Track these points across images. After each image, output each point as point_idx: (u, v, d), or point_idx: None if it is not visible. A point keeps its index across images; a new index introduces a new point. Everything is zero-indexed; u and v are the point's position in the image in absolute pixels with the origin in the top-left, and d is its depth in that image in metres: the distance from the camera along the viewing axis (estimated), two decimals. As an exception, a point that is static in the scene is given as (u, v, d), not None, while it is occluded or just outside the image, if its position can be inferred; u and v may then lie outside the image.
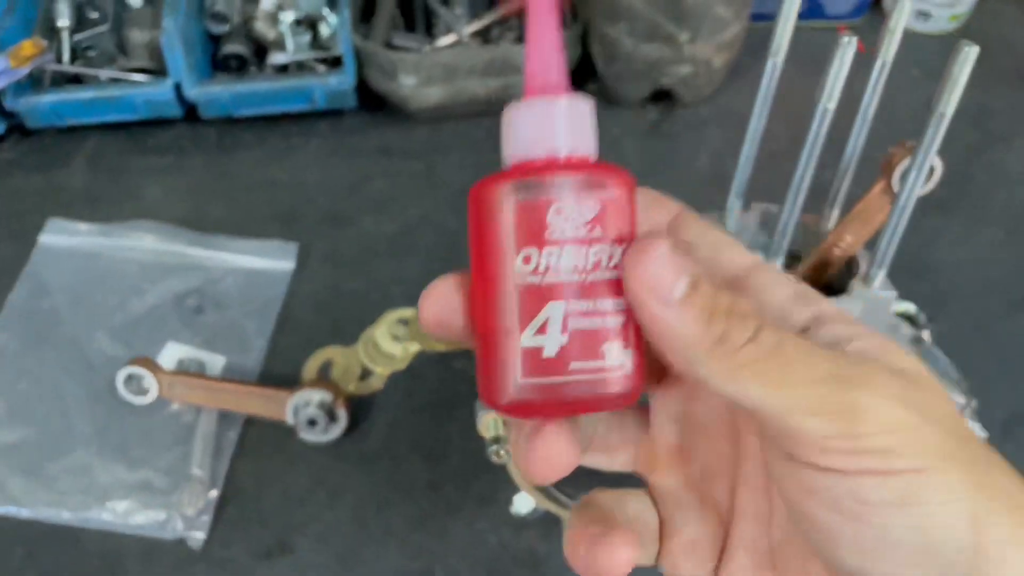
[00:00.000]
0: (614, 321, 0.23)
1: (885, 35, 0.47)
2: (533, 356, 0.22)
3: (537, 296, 0.22)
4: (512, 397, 0.23)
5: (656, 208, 0.26)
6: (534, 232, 0.22)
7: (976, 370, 0.65)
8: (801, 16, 0.85)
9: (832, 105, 0.42)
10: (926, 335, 0.64)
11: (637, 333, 0.23)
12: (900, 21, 0.46)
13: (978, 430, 0.58)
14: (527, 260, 0.22)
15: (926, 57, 0.87)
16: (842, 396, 0.22)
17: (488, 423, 0.47)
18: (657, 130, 0.82)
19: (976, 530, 0.22)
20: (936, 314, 0.68)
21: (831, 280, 0.53)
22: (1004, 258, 0.72)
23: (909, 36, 0.88)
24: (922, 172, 0.44)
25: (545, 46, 0.24)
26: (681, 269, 0.23)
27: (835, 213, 0.53)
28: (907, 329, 0.61)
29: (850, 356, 0.23)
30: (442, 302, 0.25)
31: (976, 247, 0.73)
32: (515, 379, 0.22)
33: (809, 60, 0.51)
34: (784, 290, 0.25)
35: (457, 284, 0.25)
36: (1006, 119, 0.81)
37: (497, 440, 0.47)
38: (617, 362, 0.23)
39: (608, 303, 0.23)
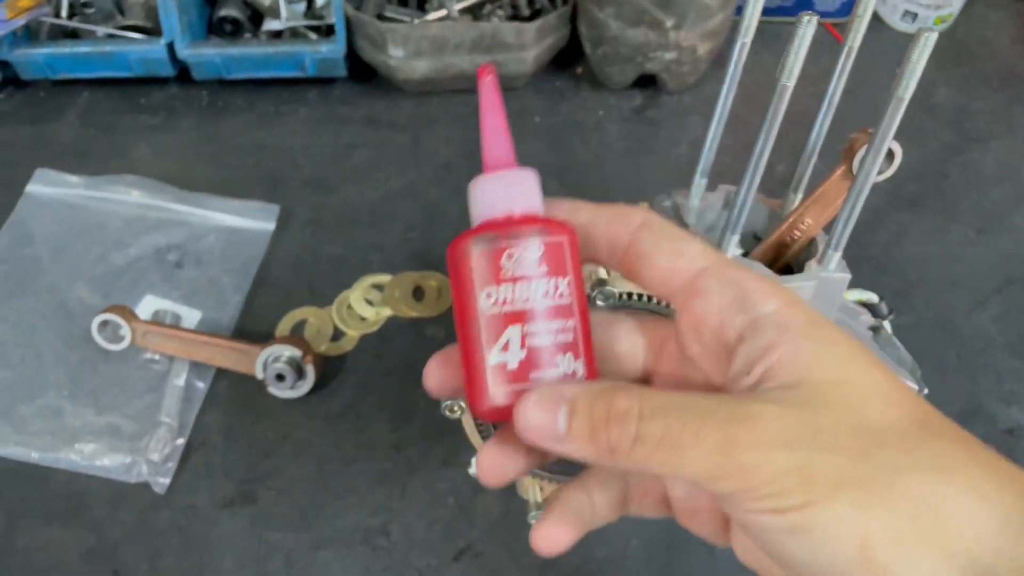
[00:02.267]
0: (563, 337, 0.28)
1: (853, 21, 0.48)
2: (500, 370, 0.28)
3: (498, 323, 0.28)
4: (489, 404, 0.28)
5: (619, 223, 0.29)
6: (492, 273, 0.28)
7: (935, 363, 0.66)
8: (790, 11, 0.86)
9: (791, 83, 0.43)
10: (887, 324, 0.65)
11: (586, 343, 0.29)
12: (868, 8, 0.47)
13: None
14: (488, 296, 0.28)
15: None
16: (731, 461, 0.25)
17: (445, 379, 0.49)
18: (641, 115, 0.83)
19: (864, 550, 0.24)
20: (901, 306, 0.69)
21: (790, 261, 0.54)
22: (972, 256, 0.73)
23: (895, 36, 0.90)
24: (879, 156, 0.45)
25: (496, 131, 0.31)
26: (556, 405, 0.27)
27: (798, 197, 0.54)
28: (866, 316, 0.63)
29: (730, 407, 0.25)
30: (436, 372, 0.31)
31: (945, 244, 0.74)
32: (489, 390, 0.28)
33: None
34: (724, 296, 0.27)
35: (443, 358, 0.31)
36: (984, 120, 0.83)
37: (452, 397, 0.48)
38: (570, 369, 0.28)
39: (556, 323, 0.28)
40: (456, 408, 0.48)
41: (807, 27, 0.42)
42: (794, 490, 0.24)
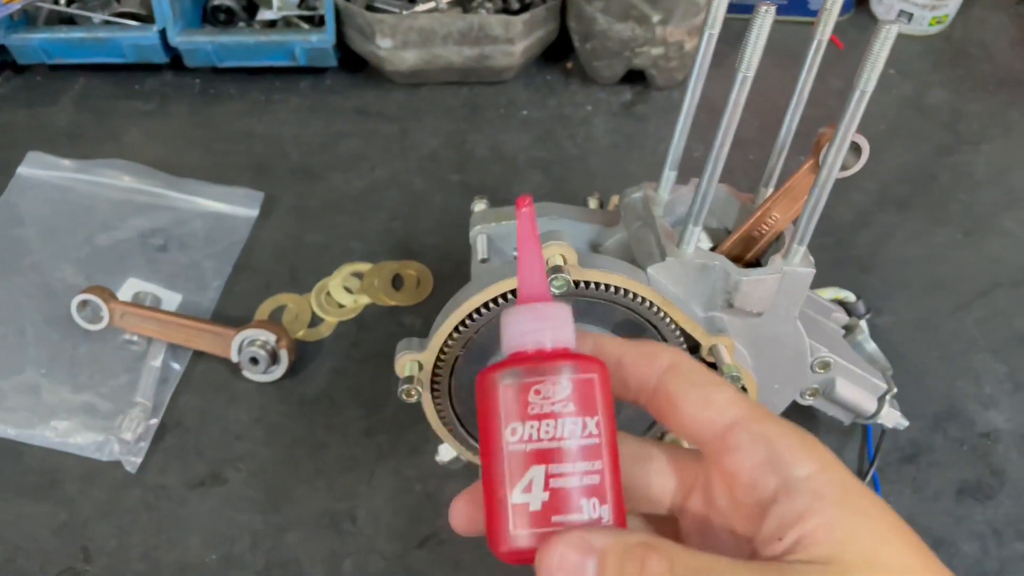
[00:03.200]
0: (590, 480, 0.27)
1: (822, 15, 0.48)
2: (522, 511, 0.27)
3: (522, 460, 0.27)
4: (509, 546, 0.27)
5: (647, 364, 0.30)
6: (519, 408, 0.27)
7: (915, 364, 0.66)
8: (785, 11, 0.86)
9: (750, 74, 0.43)
10: (863, 324, 0.65)
11: (615, 486, 0.28)
12: (836, 3, 0.47)
13: (898, 419, 0.59)
14: (513, 432, 0.27)
15: (904, 57, 0.88)
16: None
17: (404, 364, 0.49)
18: (629, 111, 0.83)
19: None
20: (882, 307, 0.69)
21: (759, 255, 0.53)
22: (957, 259, 0.72)
23: (891, 36, 0.89)
24: (842, 149, 0.45)
25: (532, 262, 0.30)
26: (584, 555, 0.25)
27: (769, 191, 0.54)
28: (840, 315, 0.62)
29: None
30: (463, 510, 0.30)
31: (931, 246, 0.73)
32: (509, 530, 0.27)
33: (788, 54, 0.52)
34: (756, 455, 0.27)
35: (470, 496, 0.30)
36: (977, 123, 0.82)
37: (410, 380, 0.48)
38: (595, 515, 0.27)
39: (583, 465, 0.27)
40: (413, 392, 0.48)
41: (764, 17, 0.41)
42: None
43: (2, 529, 0.58)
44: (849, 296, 0.64)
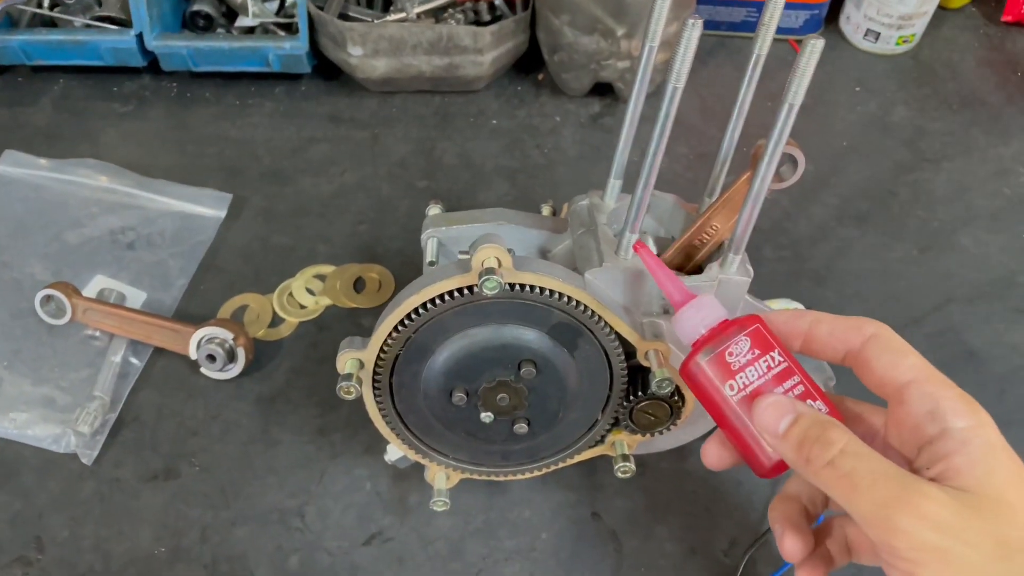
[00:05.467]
0: (798, 390, 0.38)
1: (759, 30, 0.49)
2: None
3: (747, 402, 0.38)
4: (769, 463, 0.38)
5: (854, 332, 0.39)
6: (725, 371, 0.38)
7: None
8: (754, 28, 0.88)
9: (680, 85, 0.44)
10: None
11: (819, 391, 0.38)
12: (773, 18, 0.48)
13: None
14: (731, 388, 0.38)
15: (870, 76, 0.89)
16: (888, 516, 0.32)
17: (347, 361, 0.50)
18: (597, 122, 0.84)
19: None
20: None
21: (701, 263, 0.54)
22: (912, 274, 0.73)
23: (857, 54, 0.91)
24: (772, 160, 0.46)
25: (670, 278, 0.43)
26: (784, 411, 0.36)
27: (711, 201, 0.55)
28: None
29: (908, 479, 0.33)
30: (715, 451, 0.42)
31: (886, 261, 0.74)
32: (766, 452, 0.38)
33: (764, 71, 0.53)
34: (922, 407, 0.35)
35: (719, 440, 0.41)
36: (939, 142, 0.83)
37: (349, 377, 0.49)
38: (816, 407, 0.38)
39: (788, 383, 0.38)
40: (351, 389, 0.49)
41: (692, 30, 0.43)
42: (929, 564, 0.31)
43: (-43, 517, 0.59)
44: (798, 306, 0.65)
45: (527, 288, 0.47)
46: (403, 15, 0.80)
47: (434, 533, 0.60)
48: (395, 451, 0.59)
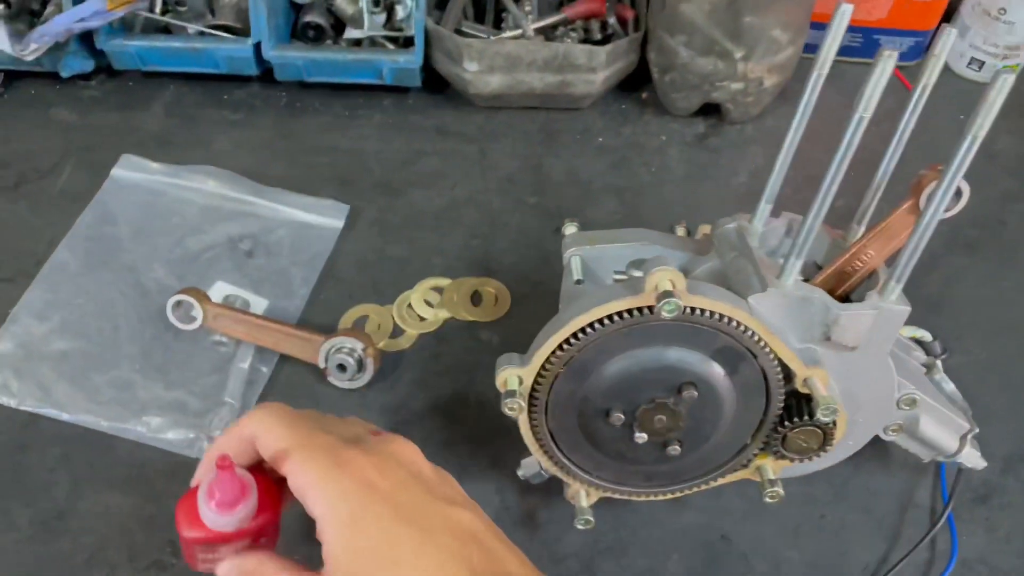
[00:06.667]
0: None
1: (929, 60, 0.49)
2: None
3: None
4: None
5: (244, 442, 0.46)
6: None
7: (985, 405, 0.67)
8: (858, 53, 0.88)
9: (868, 115, 0.45)
10: (939, 363, 0.66)
11: None
12: (945, 48, 0.49)
13: (977, 459, 0.60)
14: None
15: (973, 104, 0.89)
16: None
17: (506, 378, 0.50)
18: (703, 143, 0.84)
19: None
20: (953, 347, 0.70)
21: (849, 291, 0.55)
22: (1027, 303, 0.73)
23: (960, 82, 0.91)
24: (948, 192, 0.46)
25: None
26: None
27: (861, 229, 0.55)
28: (919, 353, 0.64)
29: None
30: None
31: (1000, 288, 0.74)
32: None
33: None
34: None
35: None
36: (1046, 172, 0.83)
37: (512, 394, 0.50)
38: None
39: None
40: (515, 406, 0.50)
41: (887, 61, 0.43)
42: None
43: (92, 520, 0.60)
44: (926, 335, 0.65)
45: (696, 311, 0.48)
46: (519, 32, 0.80)
47: (565, 550, 0.60)
48: (529, 467, 0.59)
